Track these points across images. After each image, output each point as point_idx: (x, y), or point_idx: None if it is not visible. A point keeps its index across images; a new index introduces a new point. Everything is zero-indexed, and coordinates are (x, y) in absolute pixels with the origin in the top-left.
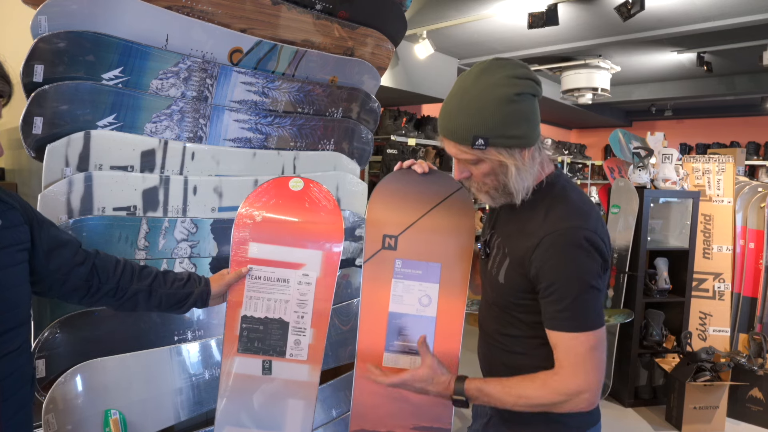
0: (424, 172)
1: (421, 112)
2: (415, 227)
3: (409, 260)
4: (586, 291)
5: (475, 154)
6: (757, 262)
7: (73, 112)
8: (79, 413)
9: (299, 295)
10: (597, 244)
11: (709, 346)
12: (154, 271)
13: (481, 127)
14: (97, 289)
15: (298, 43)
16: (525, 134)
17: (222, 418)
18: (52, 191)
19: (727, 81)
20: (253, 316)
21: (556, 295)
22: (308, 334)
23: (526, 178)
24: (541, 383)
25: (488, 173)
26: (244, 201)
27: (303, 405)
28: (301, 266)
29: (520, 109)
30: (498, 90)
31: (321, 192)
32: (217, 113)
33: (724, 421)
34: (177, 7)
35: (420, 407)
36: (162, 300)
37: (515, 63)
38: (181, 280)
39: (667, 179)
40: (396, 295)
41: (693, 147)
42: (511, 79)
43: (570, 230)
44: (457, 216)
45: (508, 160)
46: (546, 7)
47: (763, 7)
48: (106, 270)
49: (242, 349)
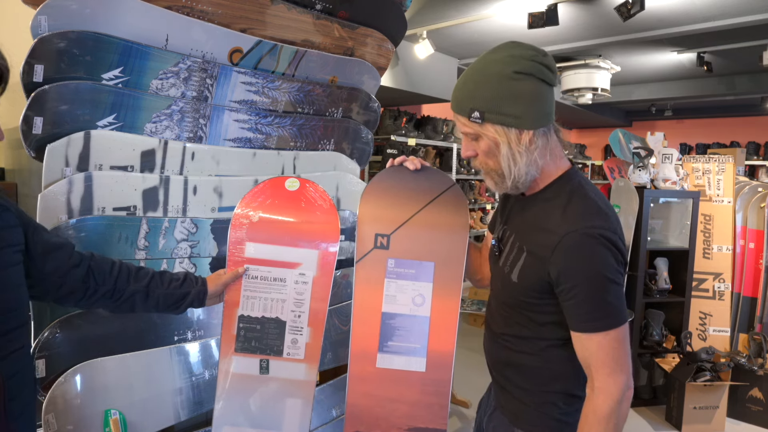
0: (417, 168)
1: (421, 112)
2: (407, 225)
3: (401, 259)
4: (611, 289)
5: (473, 127)
6: (757, 262)
7: (73, 112)
8: (79, 413)
9: (296, 294)
10: (617, 244)
11: (709, 346)
12: (150, 272)
13: (478, 99)
14: (94, 291)
15: (298, 43)
16: (521, 114)
17: (220, 418)
18: (52, 191)
19: (727, 81)
20: (250, 316)
21: (582, 296)
22: (305, 333)
23: (519, 163)
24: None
25: (488, 152)
26: (240, 201)
27: (301, 404)
28: (298, 265)
29: (517, 88)
30: (497, 66)
31: (317, 192)
32: (217, 113)
33: (724, 421)
34: (177, 7)
35: (415, 408)
36: (159, 300)
37: (527, 45)
38: (177, 280)
39: (667, 179)
40: (389, 295)
41: (693, 147)
42: (515, 57)
43: (592, 229)
44: (451, 213)
45: (502, 139)
46: (546, 7)
47: (763, 7)
48: (102, 272)
49: (239, 349)
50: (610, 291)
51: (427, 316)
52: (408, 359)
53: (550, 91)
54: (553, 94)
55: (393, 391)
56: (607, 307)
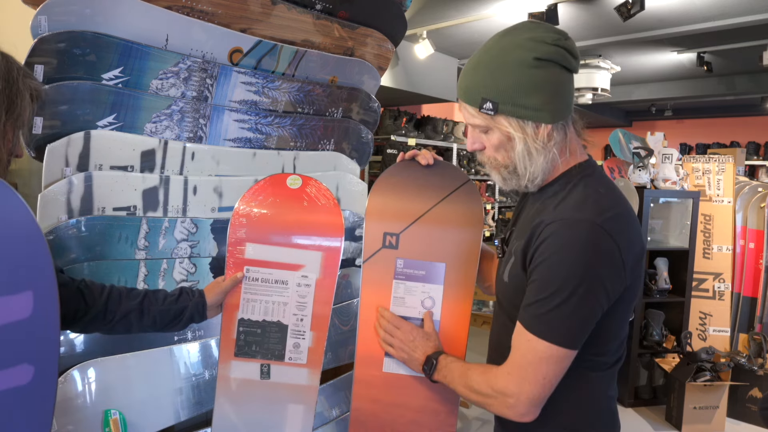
0: (429, 163)
1: (421, 112)
2: (418, 224)
3: (411, 260)
4: (568, 299)
5: (483, 119)
6: (757, 262)
7: (73, 112)
8: (79, 413)
9: (298, 297)
10: (605, 246)
11: (709, 346)
12: (143, 291)
13: (491, 89)
14: (84, 313)
15: (298, 43)
16: (541, 106)
17: (219, 424)
18: (52, 191)
19: (727, 81)
20: (250, 319)
21: (535, 287)
22: (308, 337)
23: (537, 160)
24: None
25: (498, 147)
26: (240, 199)
27: (303, 409)
28: (300, 267)
29: (539, 76)
30: (517, 52)
31: (320, 190)
32: (217, 113)
33: (724, 421)
34: (177, 7)
35: (421, 415)
36: (156, 318)
37: (549, 27)
38: (173, 295)
39: (667, 179)
40: (397, 297)
41: (693, 147)
42: (537, 42)
43: (576, 223)
44: (464, 212)
45: (517, 133)
46: (546, 7)
47: (763, 7)
48: (92, 294)
49: (239, 353)
50: (565, 301)
51: (437, 321)
52: None
53: (572, 79)
54: (573, 81)
55: (399, 396)
56: (552, 314)
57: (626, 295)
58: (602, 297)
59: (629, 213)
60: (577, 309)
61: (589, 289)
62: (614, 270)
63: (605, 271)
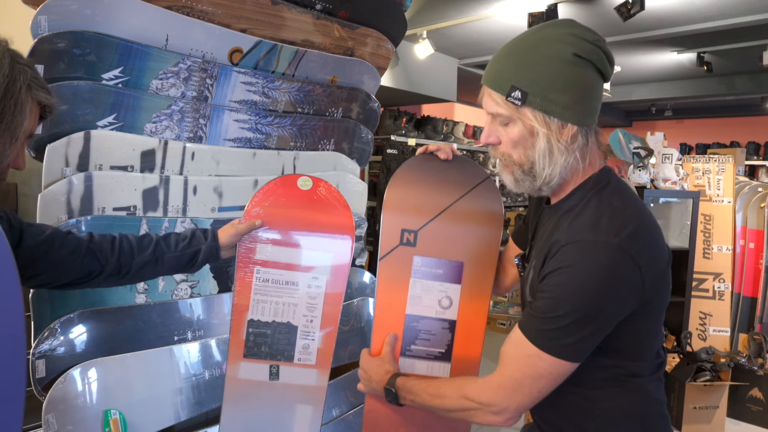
0: (448, 158)
1: (421, 112)
2: (437, 221)
3: (429, 258)
4: (580, 320)
5: (508, 108)
6: (757, 262)
7: (73, 112)
8: (79, 413)
9: (308, 298)
10: (623, 268)
11: (709, 346)
12: (154, 239)
13: (523, 78)
14: (99, 272)
15: (298, 43)
16: (571, 105)
17: (228, 424)
18: (52, 191)
19: (727, 81)
20: (260, 320)
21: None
22: (317, 338)
23: (557, 161)
24: (459, 384)
25: (517, 141)
26: (251, 199)
27: (311, 410)
28: (311, 269)
29: (574, 73)
30: (557, 45)
31: (330, 192)
32: (217, 113)
33: (724, 421)
34: (177, 7)
35: (435, 416)
36: (170, 265)
37: (588, 28)
38: (185, 239)
39: (667, 179)
40: (414, 296)
41: (693, 147)
42: (577, 38)
43: (592, 245)
44: (484, 209)
45: (542, 128)
46: (546, 7)
47: (763, 7)
48: (104, 252)
49: (249, 354)
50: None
51: (454, 320)
52: (431, 365)
53: (602, 86)
54: (603, 89)
55: None
56: (560, 329)
57: (652, 305)
58: (613, 320)
59: (648, 223)
60: (587, 328)
61: (601, 312)
62: (630, 294)
63: (620, 296)
